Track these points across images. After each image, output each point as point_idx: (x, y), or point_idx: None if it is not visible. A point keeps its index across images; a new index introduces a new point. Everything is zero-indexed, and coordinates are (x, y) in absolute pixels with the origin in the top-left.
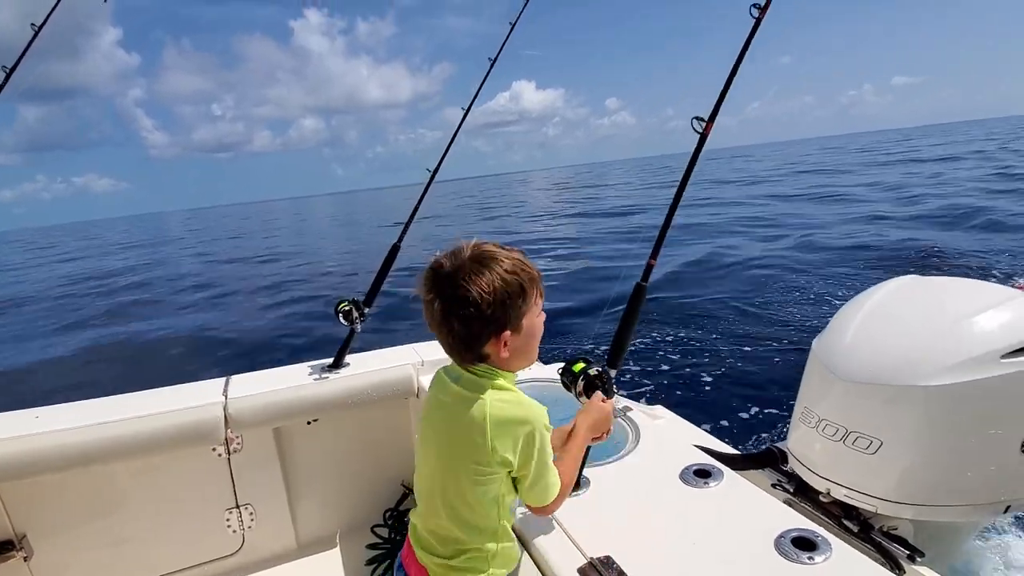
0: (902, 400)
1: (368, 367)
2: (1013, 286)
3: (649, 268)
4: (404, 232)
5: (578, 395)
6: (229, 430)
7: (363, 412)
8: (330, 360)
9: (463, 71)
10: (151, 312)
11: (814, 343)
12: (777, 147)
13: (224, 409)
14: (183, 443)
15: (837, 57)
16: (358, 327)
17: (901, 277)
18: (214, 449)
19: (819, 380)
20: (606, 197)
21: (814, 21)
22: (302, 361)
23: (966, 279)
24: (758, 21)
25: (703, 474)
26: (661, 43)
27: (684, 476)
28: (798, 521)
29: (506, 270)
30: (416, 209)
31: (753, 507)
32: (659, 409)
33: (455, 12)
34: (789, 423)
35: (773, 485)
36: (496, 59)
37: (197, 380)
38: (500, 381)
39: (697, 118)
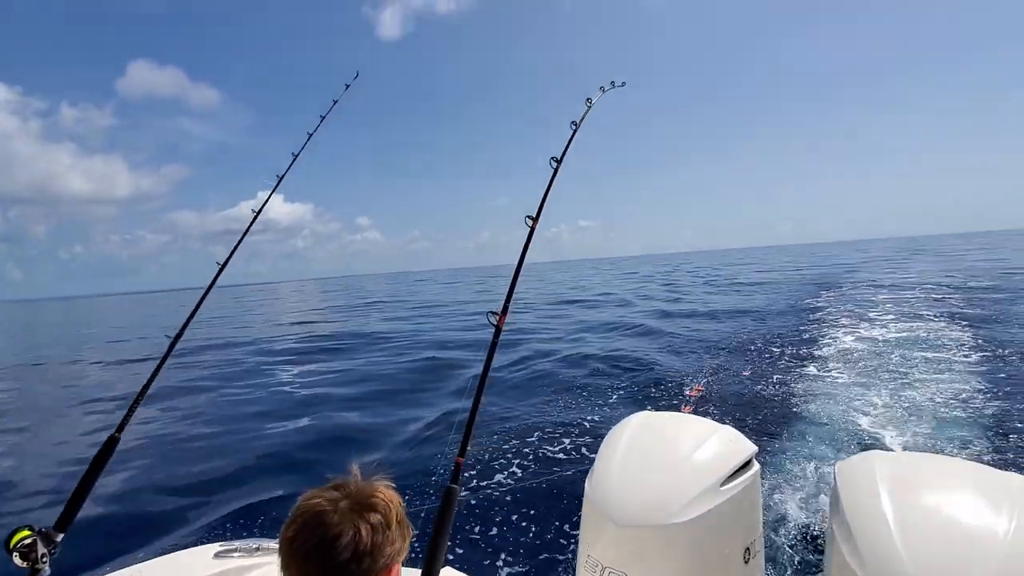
0: (663, 539)
1: None
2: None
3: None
4: (128, 417)
5: None
6: None
7: None
8: None
9: (199, 176)
10: None
11: (587, 486)
12: (506, 268)
13: None
14: None
15: (538, 201)
16: (46, 568)
17: (637, 414)
18: None
19: (597, 526)
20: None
21: (519, 171)
22: None
23: (681, 414)
24: (557, 167)
25: None
26: (407, 166)
27: None
28: None
29: (400, 505)
30: (159, 367)
31: None
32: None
33: (191, 116)
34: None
35: None
36: (284, 175)
37: None
38: None
39: (528, 216)
